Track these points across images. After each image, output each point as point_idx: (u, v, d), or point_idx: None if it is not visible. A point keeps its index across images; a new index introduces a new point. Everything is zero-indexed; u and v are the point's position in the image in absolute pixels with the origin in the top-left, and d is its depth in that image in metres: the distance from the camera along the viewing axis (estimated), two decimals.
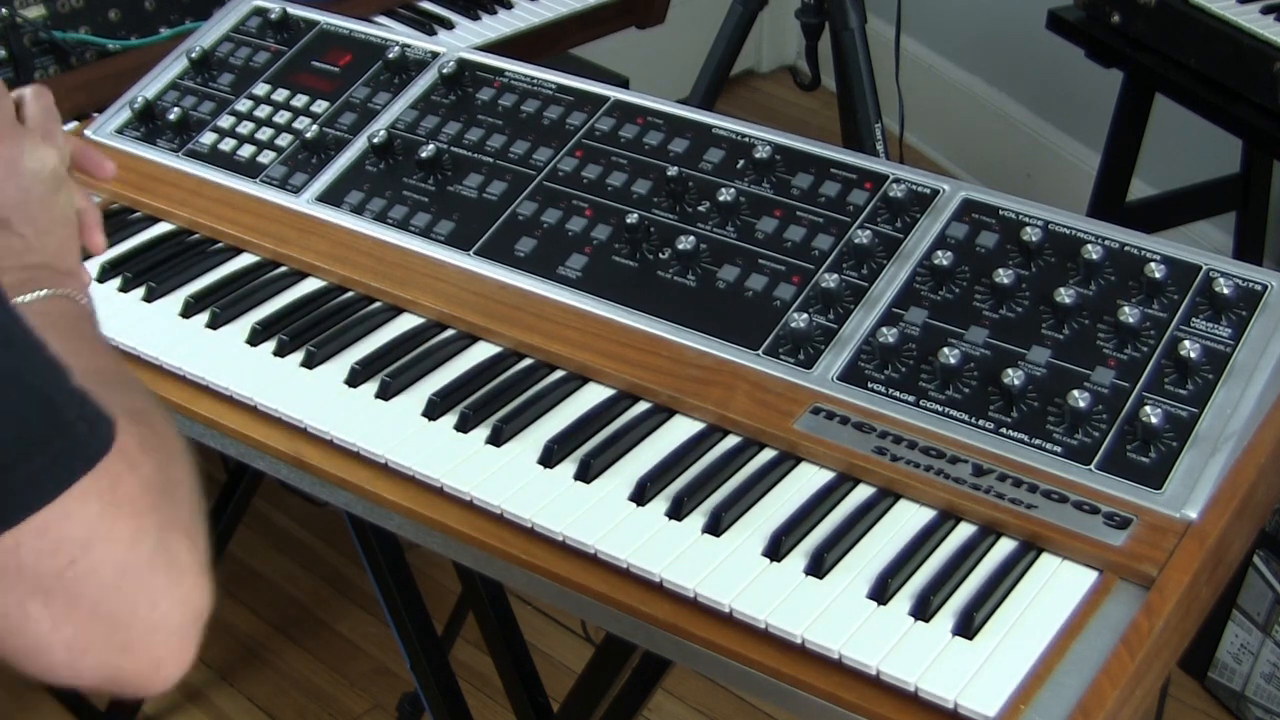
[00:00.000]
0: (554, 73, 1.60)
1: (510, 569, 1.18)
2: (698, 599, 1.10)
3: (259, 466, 1.34)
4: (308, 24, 1.76)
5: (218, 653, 2.53)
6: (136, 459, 0.79)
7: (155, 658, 0.79)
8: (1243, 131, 2.34)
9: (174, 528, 0.80)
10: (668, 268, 1.38)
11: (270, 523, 2.79)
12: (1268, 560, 2.19)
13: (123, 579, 0.77)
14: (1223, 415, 1.17)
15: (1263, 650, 2.23)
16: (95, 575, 0.76)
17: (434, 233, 1.48)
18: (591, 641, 2.37)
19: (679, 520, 1.16)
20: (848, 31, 2.56)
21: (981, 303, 1.28)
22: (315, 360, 1.36)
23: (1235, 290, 1.23)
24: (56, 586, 0.75)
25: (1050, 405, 1.20)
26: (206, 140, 1.65)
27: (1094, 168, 2.75)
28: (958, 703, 1.00)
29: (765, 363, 1.29)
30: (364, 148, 1.58)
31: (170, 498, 0.80)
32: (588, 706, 1.69)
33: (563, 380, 1.32)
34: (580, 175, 1.48)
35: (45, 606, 0.75)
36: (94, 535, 0.75)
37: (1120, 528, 1.11)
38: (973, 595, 1.08)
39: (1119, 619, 1.06)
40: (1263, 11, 2.17)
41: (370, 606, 2.59)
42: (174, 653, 0.80)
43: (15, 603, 0.74)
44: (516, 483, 1.21)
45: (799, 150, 1.44)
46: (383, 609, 1.79)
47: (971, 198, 1.36)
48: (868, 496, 1.18)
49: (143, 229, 1.58)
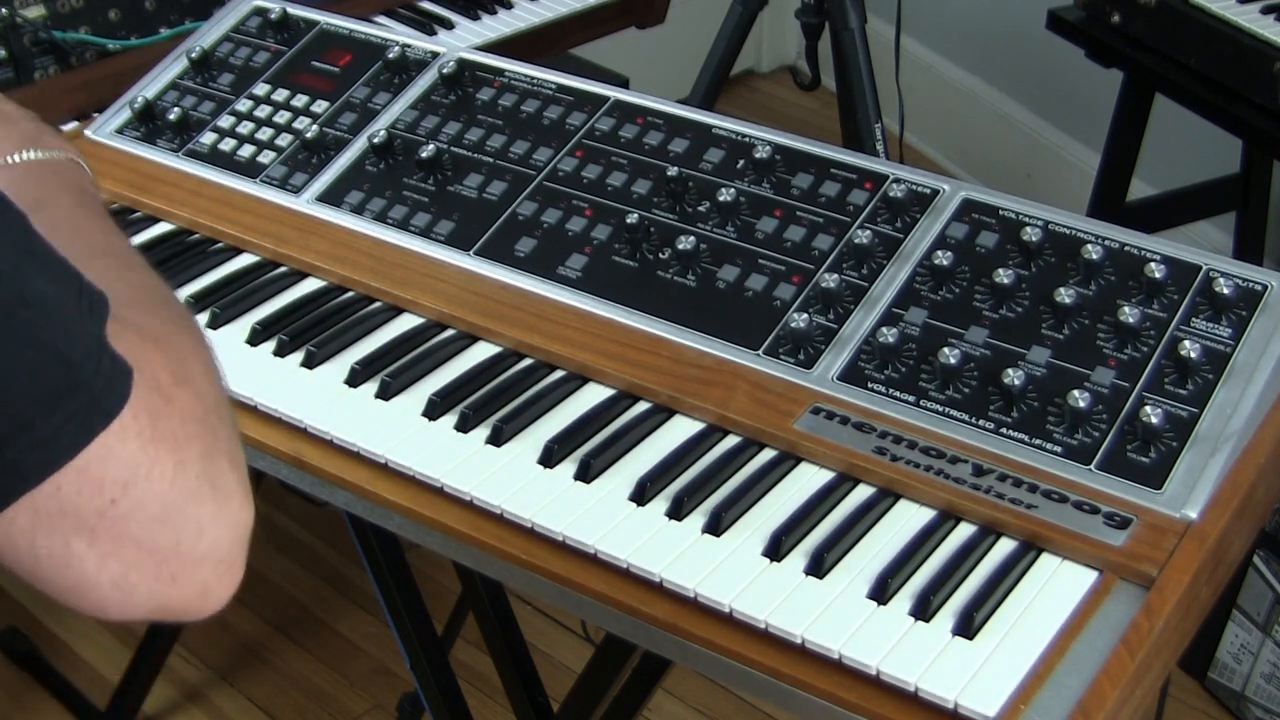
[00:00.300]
0: (554, 73, 1.60)
1: (510, 569, 1.18)
2: (698, 599, 1.10)
3: (259, 466, 1.33)
4: (308, 24, 1.76)
5: (218, 653, 2.53)
6: (171, 391, 0.78)
7: (204, 585, 0.79)
8: (1243, 131, 2.34)
9: (216, 454, 0.79)
10: (668, 268, 1.38)
11: (270, 523, 2.79)
12: (1268, 560, 2.19)
13: (167, 513, 0.76)
14: (1223, 415, 1.17)
15: (1263, 650, 2.23)
16: (139, 512, 0.75)
17: (434, 233, 1.48)
18: (591, 641, 2.37)
19: (679, 520, 1.16)
20: (848, 31, 2.56)
21: (981, 303, 1.28)
22: (315, 360, 1.36)
23: (1235, 290, 1.23)
24: (100, 525, 0.75)
25: (1050, 405, 1.20)
26: (206, 140, 1.65)
27: (1094, 168, 2.75)
28: (958, 703, 1.00)
29: (765, 363, 1.29)
30: (364, 148, 1.58)
31: (209, 423, 0.80)
32: (588, 706, 1.69)
33: (563, 380, 1.32)
34: (580, 175, 1.48)
35: (90, 545, 0.75)
36: (135, 473, 0.75)
37: (1120, 528, 1.11)
38: (973, 595, 1.08)
39: (1119, 619, 1.06)
40: (1263, 11, 2.17)
41: (370, 606, 2.59)
42: (222, 578, 0.80)
43: (61, 543, 0.74)
44: (516, 483, 1.21)
45: (799, 150, 1.44)
46: (383, 609, 1.78)
47: (971, 198, 1.36)
48: (868, 496, 1.18)
49: (143, 229, 1.58)
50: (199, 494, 0.77)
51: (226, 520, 0.79)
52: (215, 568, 0.79)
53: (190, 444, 0.78)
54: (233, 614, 2.57)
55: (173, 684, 2.47)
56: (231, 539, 0.80)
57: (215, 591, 0.80)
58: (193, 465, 0.77)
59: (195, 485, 0.77)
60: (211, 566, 0.79)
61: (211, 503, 0.78)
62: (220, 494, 0.79)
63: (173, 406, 0.78)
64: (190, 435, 0.78)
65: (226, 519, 0.79)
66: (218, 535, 0.79)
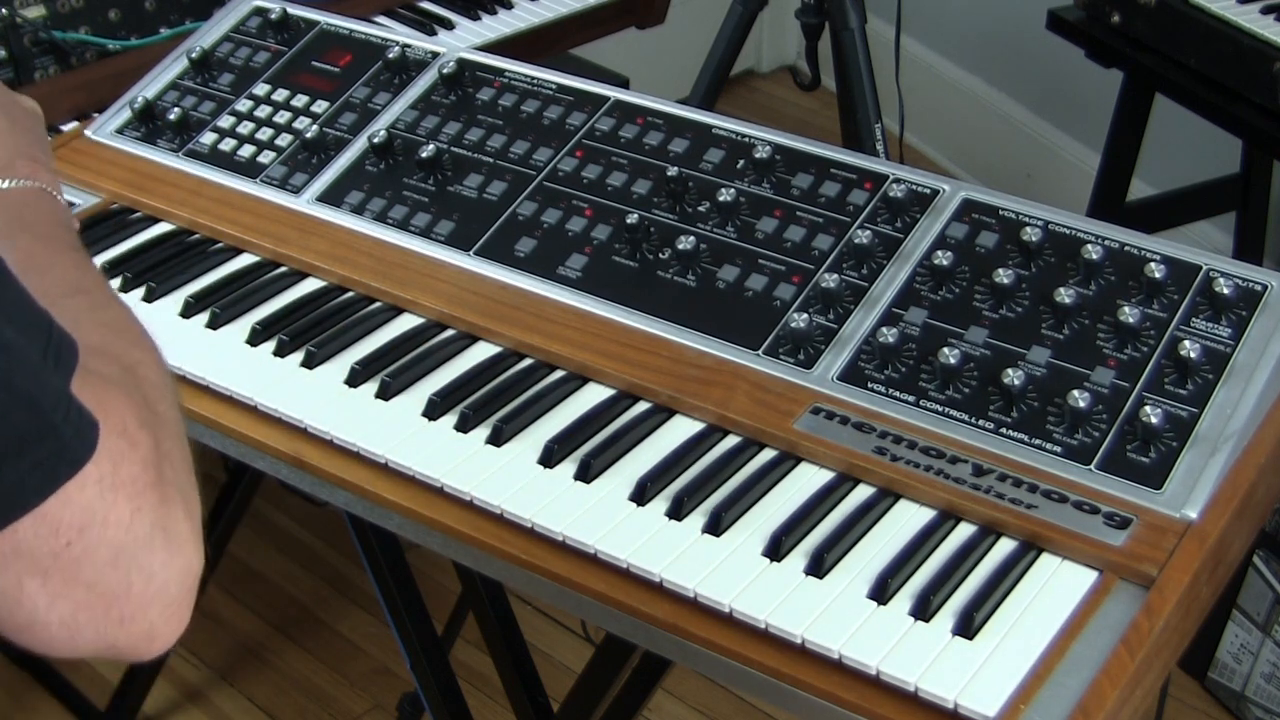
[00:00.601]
0: (554, 73, 1.60)
1: (510, 569, 1.18)
2: (698, 599, 1.10)
3: (259, 466, 1.34)
4: (308, 24, 1.76)
5: (218, 653, 2.53)
6: (136, 437, 0.79)
7: (151, 627, 0.80)
8: (1243, 131, 2.34)
9: (171, 500, 0.80)
10: (668, 268, 1.38)
11: (270, 523, 2.79)
12: (1268, 560, 2.19)
13: (119, 557, 0.77)
14: (1223, 415, 1.17)
15: (1263, 650, 2.23)
16: (93, 555, 0.76)
17: (434, 233, 1.48)
18: (591, 641, 2.37)
19: (679, 520, 1.16)
20: (848, 31, 2.56)
21: (981, 303, 1.28)
22: (315, 360, 1.36)
23: (1235, 290, 1.23)
24: (53, 566, 0.75)
25: (1050, 405, 1.20)
26: (206, 140, 1.65)
27: (1094, 168, 2.75)
28: (958, 703, 1.00)
29: (765, 363, 1.29)
30: (364, 148, 1.58)
31: (166, 468, 0.81)
32: (588, 706, 1.69)
33: (563, 380, 1.32)
34: (580, 175, 1.48)
35: (43, 585, 0.75)
36: (92, 519, 0.76)
37: (1120, 528, 1.11)
38: (973, 595, 1.08)
39: (1119, 619, 1.06)
40: (1263, 11, 2.17)
41: (370, 606, 2.59)
42: (169, 621, 0.80)
43: (13, 581, 0.75)
44: (516, 483, 1.21)
45: (799, 150, 1.44)
46: (383, 609, 1.78)
47: (971, 198, 1.36)
48: (868, 496, 1.18)
49: (143, 229, 1.58)
50: (152, 540, 0.78)
51: (177, 566, 0.80)
52: (163, 611, 0.79)
53: (148, 491, 0.78)
54: (233, 614, 2.58)
55: (173, 684, 2.47)
56: (180, 584, 0.80)
57: (161, 634, 0.80)
58: (148, 512, 0.78)
59: (149, 532, 0.78)
60: (159, 610, 0.79)
61: (164, 550, 0.79)
62: (173, 541, 0.79)
63: (136, 452, 0.78)
64: (149, 482, 0.79)
65: (177, 565, 0.80)
66: (167, 580, 0.79)
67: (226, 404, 1.34)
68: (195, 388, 1.35)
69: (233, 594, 2.63)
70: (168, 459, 0.81)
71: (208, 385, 1.35)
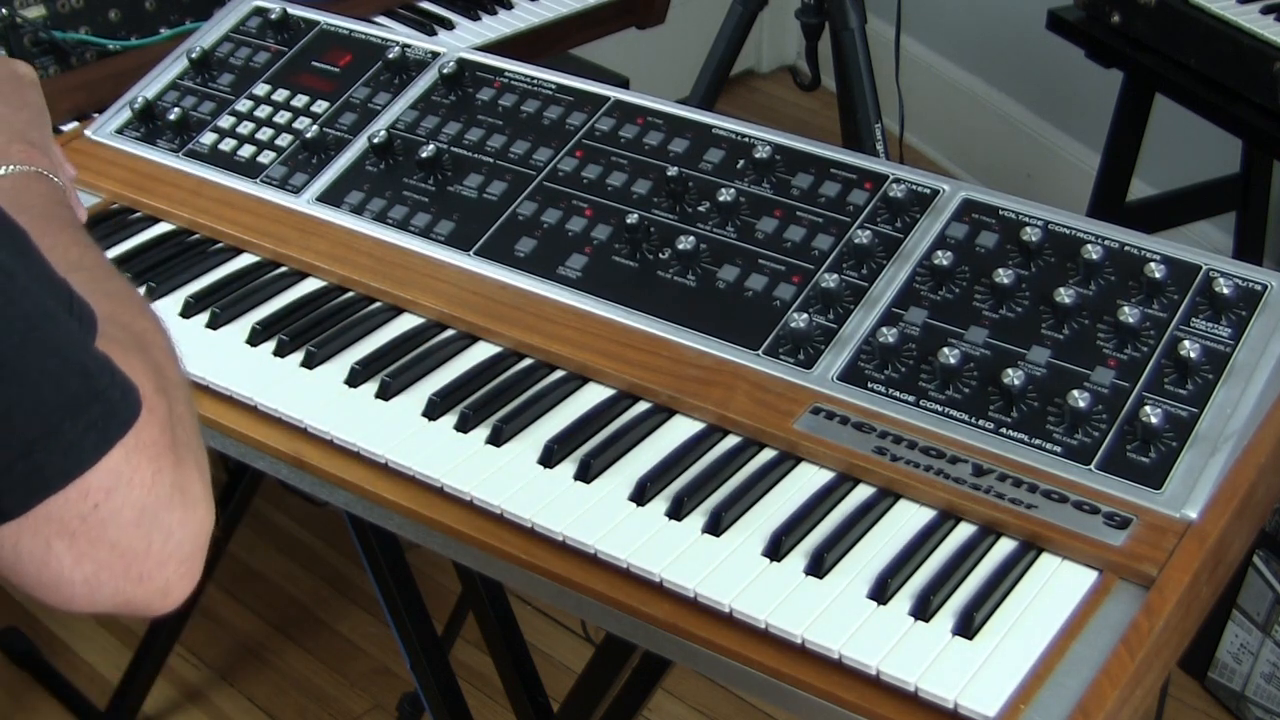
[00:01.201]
0: (554, 73, 1.60)
1: (510, 569, 1.18)
2: (698, 599, 1.10)
3: (259, 466, 1.34)
4: (308, 24, 1.76)
5: (218, 653, 2.53)
6: (154, 402, 0.82)
7: (166, 584, 0.83)
8: (1243, 131, 2.34)
9: (185, 461, 0.83)
10: (668, 268, 1.38)
11: (270, 523, 2.79)
12: (1268, 560, 2.19)
13: (142, 517, 0.80)
14: (1223, 415, 1.17)
15: (1263, 650, 2.23)
16: (117, 517, 0.79)
17: (434, 233, 1.48)
18: (591, 641, 2.37)
19: (679, 520, 1.16)
20: (848, 31, 2.56)
21: (981, 303, 1.28)
22: (315, 360, 1.36)
23: (1235, 290, 1.23)
24: (80, 528, 0.78)
25: (1050, 405, 1.20)
26: (206, 140, 1.65)
27: (1094, 168, 2.75)
28: (958, 703, 1.00)
29: (765, 363, 1.29)
30: (364, 148, 1.58)
31: (179, 431, 0.84)
32: (588, 706, 1.69)
33: (563, 380, 1.32)
34: (580, 175, 1.48)
35: (69, 546, 0.78)
36: (118, 481, 0.79)
37: (1120, 528, 1.11)
38: (973, 595, 1.08)
39: (1119, 619, 1.06)
40: (1263, 11, 2.17)
41: (370, 606, 2.59)
42: (184, 578, 0.83)
43: (43, 544, 0.78)
44: (516, 483, 1.21)
45: (799, 150, 1.44)
46: (383, 609, 1.78)
47: (971, 198, 1.36)
48: (868, 496, 1.18)
49: (143, 229, 1.58)
50: (170, 500, 0.82)
51: (192, 524, 0.83)
52: (178, 568, 0.83)
53: (166, 453, 0.82)
54: (233, 614, 2.58)
55: (173, 684, 2.47)
56: (194, 542, 0.84)
57: (175, 590, 0.83)
58: (168, 473, 0.82)
59: (168, 492, 0.81)
60: (175, 566, 0.83)
61: (181, 508, 0.82)
62: (188, 499, 0.83)
63: (153, 416, 0.82)
64: (166, 445, 0.82)
65: (193, 523, 0.83)
66: (183, 538, 0.83)
67: (226, 404, 1.34)
68: (195, 388, 1.35)
69: (233, 594, 2.63)
70: (180, 422, 0.85)
71: (208, 385, 1.35)
